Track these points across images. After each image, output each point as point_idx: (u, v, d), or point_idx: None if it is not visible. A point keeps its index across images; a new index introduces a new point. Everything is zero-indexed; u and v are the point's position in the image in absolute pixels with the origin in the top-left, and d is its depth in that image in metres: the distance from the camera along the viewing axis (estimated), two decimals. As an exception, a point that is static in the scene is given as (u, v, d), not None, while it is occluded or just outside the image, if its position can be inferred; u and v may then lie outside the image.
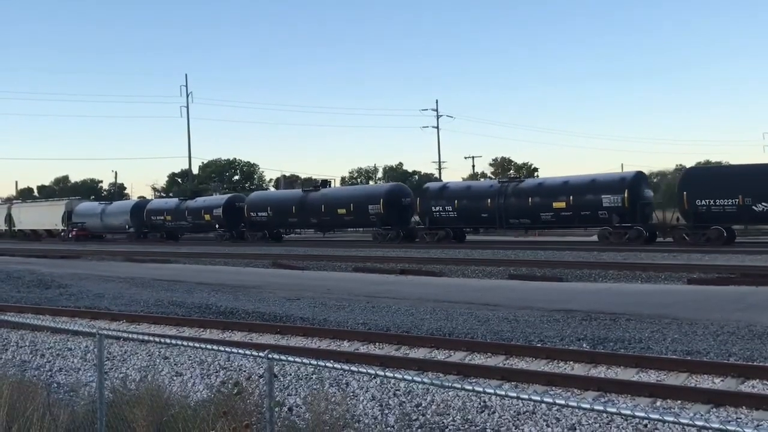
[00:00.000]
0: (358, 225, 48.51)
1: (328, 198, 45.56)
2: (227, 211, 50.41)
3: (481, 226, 40.76)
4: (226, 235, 50.31)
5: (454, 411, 7.38)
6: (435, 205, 39.60)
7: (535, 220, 36.72)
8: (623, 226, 33.22)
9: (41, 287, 21.12)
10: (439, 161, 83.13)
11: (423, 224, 40.78)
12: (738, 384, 8.27)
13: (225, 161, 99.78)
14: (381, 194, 43.16)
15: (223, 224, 50.87)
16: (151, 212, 56.20)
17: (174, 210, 54.54)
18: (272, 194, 54.79)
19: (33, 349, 11.43)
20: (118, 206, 61.59)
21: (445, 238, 38.96)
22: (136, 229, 56.98)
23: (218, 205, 51.51)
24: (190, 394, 8.02)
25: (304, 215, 46.09)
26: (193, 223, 52.99)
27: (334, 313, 14.53)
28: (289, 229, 50.95)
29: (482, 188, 39.75)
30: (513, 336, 11.41)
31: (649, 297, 15.77)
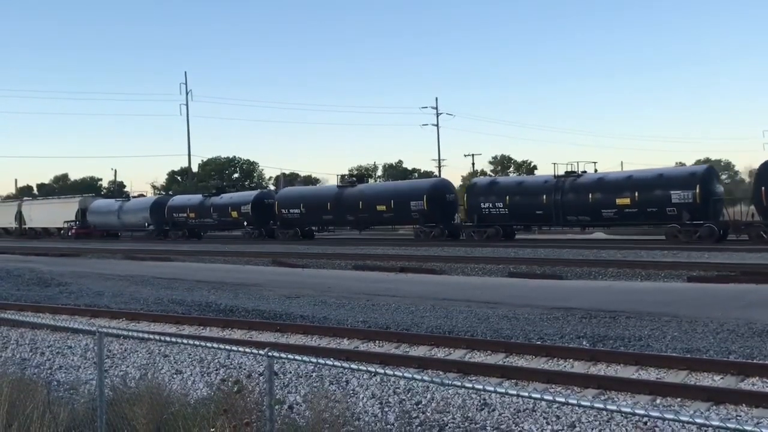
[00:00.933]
0: (398, 222, 46.77)
1: (366, 194, 43.67)
2: (256, 208, 48.47)
3: (534, 223, 39.04)
4: (255, 233, 48.42)
5: (454, 409, 7.38)
6: (484, 201, 37.92)
7: (596, 217, 35.07)
8: (694, 223, 31.50)
9: (41, 285, 21.13)
10: (438, 159, 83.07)
11: (470, 222, 39.05)
12: (738, 382, 8.28)
13: (225, 159, 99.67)
14: (425, 190, 41.22)
15: (251, 221, 48.74)
16: (173, 209, 54.06)
17: (198, 207, 52.43)
18: (305, 190, 52.17)
19: (33, 347, 11.44)
20: (137, 203, 59.20)
21: (495, 236, 37.30)
22: (156, 226, 54.91)
23: (247, 201, 49.46)
24: (190, 392, 8.02)
25: (339, 212, 44.16)
26: (219, 221, 51.07)
27: (334, 311, 14.53)
28: (322, 227, 48.65)
29: (536, 183, 37.58)
30: (513, 334, 11.41)
31: (649, 295, 15.78)
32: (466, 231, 39.29)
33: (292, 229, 46.49)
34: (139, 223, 56.25)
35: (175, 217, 53.74)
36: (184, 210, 53.32)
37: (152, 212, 54.97)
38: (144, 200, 60.23)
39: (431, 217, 40.00)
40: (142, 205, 57.17)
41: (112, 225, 59.04)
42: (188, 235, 53.49)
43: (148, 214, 55.24)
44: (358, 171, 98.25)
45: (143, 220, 55.68)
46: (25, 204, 70.08)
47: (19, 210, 68.04)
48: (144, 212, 55.85)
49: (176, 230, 53.89)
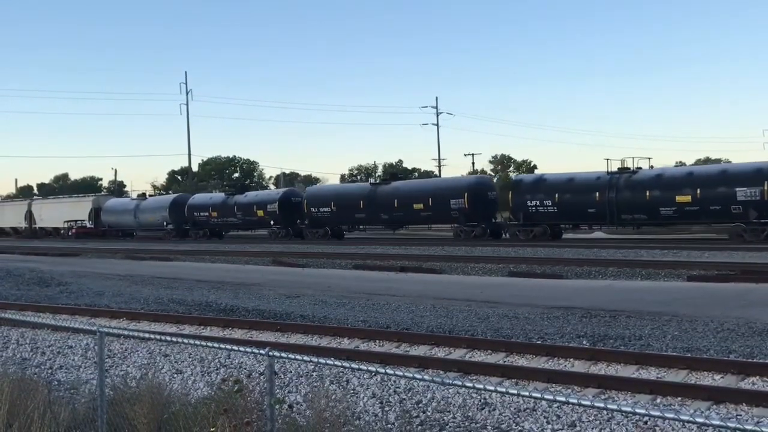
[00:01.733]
0: (436, 221, 44.50)
1: (402, 192, 41.94)
2: (283, 207, 46.68)
3: (586, 222, 37.79)
4: (282, 233, 46.65)
5: (455, 408, 7.39)
6: (531, 199, 36.17)
7: (653, 216, 33.25)
8: (761, 222, 29.93)
9: (41, 285, 21.13)
10: (438, 159, 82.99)
11: (515, 220, 37.38)
12: (738, 381, 8.28)
13: (225, 159, 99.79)
14: (465, 187, 39.50)
15: (278, 221, 46.98)
16: (193, 208, 52.14)
17: (221, 205, 50.56)
18: (336, 188, 50.58)
19: (33, 346, 11.44)
20: (155, 202, 57.33)
21: (542, 235, 35.66)
22: (175, 226, 52.91)
23: (273, 200, 47.77)
24: (191, 392, 8.03)
25: (373, 211, 42.47)
26: (244, 220, 49.23)
27: (335, 310, 14.54)
28: (353, 226, 47.10)
29: (588, 180, 35.49)
30: (513, 333, 11.41)
31: (649, 294, 15.78)
32: (510, 230, 37.83)
33: (321, 228, 44.84)
34: (158, 222, 54.46)
35: (196, 216, 51.98)
36: (205, 209, 51.57)
37: (171, 211, 53.22)
38: (162, 199, 58.62)
39: (472, 216, 38.44)
40: (161, 204, 55.45)
41: (127, 224, 57.52)
42: (209, 234, 51.66)
43: (166, 213, 53.54)
44: (359, 170, 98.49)
45: (162, 219, 53.90)
46: (35, 203, 68.49)
47: (28, 209, 66.49)
48: (162, 211, 54.10)
49: (197, 230, 52.08)
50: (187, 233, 52.35)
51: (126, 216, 56.83)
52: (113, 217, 58.00)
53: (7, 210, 70.68)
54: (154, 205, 55.84)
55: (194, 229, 52.16)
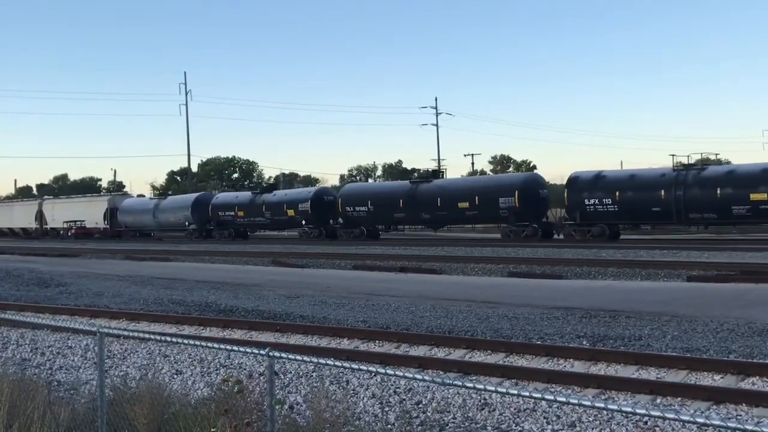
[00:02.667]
0: (483, 221, 42.72)
1: (445, 190, 40.18)
2: (315, 206, 44.98)
3: (650, 222, 36.14)
4: (314, 233, 44.76)
5: (455, 408, 7.39)
6: (589, 197, 34.42)
7: (724, 215, 31.70)
8: None
9: (41, 285, 21.12)
10: (438, 159, 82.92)
11: (571, 219, 35.54)
12: (738, 381, 8.28)
13: (224, 159, 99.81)
14: (516, 185, 37.85)
15: (310, 220, 45.06)
16: (218, 207, 50.32)
17: (248, 204, 48.64)
18: (373, 186, 49.12)
19: (33, 347, 11.44)
20: (176, 201, 54.98)
21: (600, 235, 34.07)
22: (198, 226, 50.98)
23: (305, 198, 45.95)
24: (191, 392, 8.02)
25: (413, 210, 40.77)
26: (272, 220, 47.54)
27: (334, 311, 14.53)
28: (391, 226, 45.57)
29: (652, 177, 33.78)
30: (513, 333, 11.41)
31: (648, 294, 15.78)
32: (565, 230, 36.03)
33: (356, 228, 43.23)
34: (179, 222, 52.55)
35: (221, 216, 50.06)
36: (231, 208, 49.68)
37: (194, 211, 51.26)
38: (184, 198, 56.44)
39: (523, 215, 36.69)
40: (183, 204, 53.30)
41: (146, 225, 55.78)
42: (234, 235, 49.72)
43: (189, 212, 51.57)
44: (358, 170, 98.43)
45: (183, 219, 51.91)
46: (46, 203, 66.53)
47: (39, 209, 64.75)
48: (184, 211, 52.05)
49: (222, 230, 50.13)
50: (210, 233, 50.72)
51: (145, 216, 55.19)
52: (130, 217, 56.35)
53: (16, 210, 69.05)
54: (175, 205, 53.83)
55: (219, 230, 50.40)
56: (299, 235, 46.76)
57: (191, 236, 51.22)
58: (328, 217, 45.05)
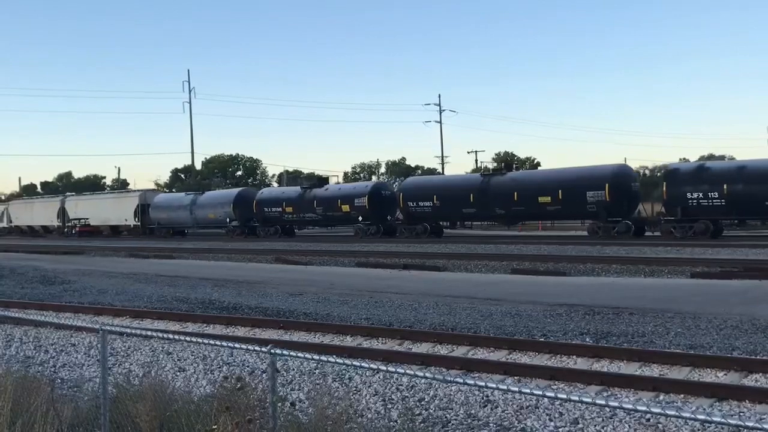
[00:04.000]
0: (567, 216, 39.56)
1: (523, 183, 37.58)
2: (373, 201, 42.67)
3: (763, 217, 33.59)
4: (371, 229, 42.50)
5: (457, 405, 7.38)
6: (691, 191, 31.96)
7: None
8: None
9: (45, 283, 21.17)
10: (442, 156, 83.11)
11: (670, 215, 33.13)
12: (741, 378, 8.27)
13: (228, 157, 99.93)
14: (607, 177, 34.70)
15: (367, 216, 42.67)
16: (263, 203, 47.93)
17: (297, 200, 46.33)
18: (440, 180, 44.68)
19: (37, 344, 11.45)
20: (216, 196, 53.03)
21: (703, 232, 31.67)
22: (241, 223, 48.79)
23: (362, 193, 43.62)
24: (193, 390, 8.03)
25: (485, 205, 38.15)
26: (324, 216, 45.21)
27: (337, 308, 14.54)
28: (457, 222, 43.21)
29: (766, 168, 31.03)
30: (516, 330, 11.41)
31: (652, 291, 15.76)
32: (663, 227, 33.44)
33: (419, 224, 40.58)
34: (220, 219, 50.32)
35: (267, 212, 47.66)
36: (278, 204, 47.26)
37: (236, 206, 48.99)
38: (224, 193, 54.68)
39: (614, 210, 33.98)
40: (223, 199, 51.26)
41: (182, 222, 53.40)
42: (281, 232, 47.27)
43: (230, 208, 49.35)
44: (362, 168, 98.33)
45: (224, 215, 49.72)
46: (69, 200, 64.97)
47: (62, 206, 63.32)
48: (225, 207, 49.92)
49: (267, 227, 47.72)
50: (254, 231, 48.48)
51: (180, 212, 52.97)
52: (164, 214, 54.20)
53: (37, 207, 67.68)
54: (215, 200, 51.72)
55: (264, 227, 47.93)
56: (355, 232, 44.49)
57: (232, 234, 49.22)
58: (385, 213, 43.17)
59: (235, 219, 49.05)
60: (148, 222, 55.38)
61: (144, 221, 55.57)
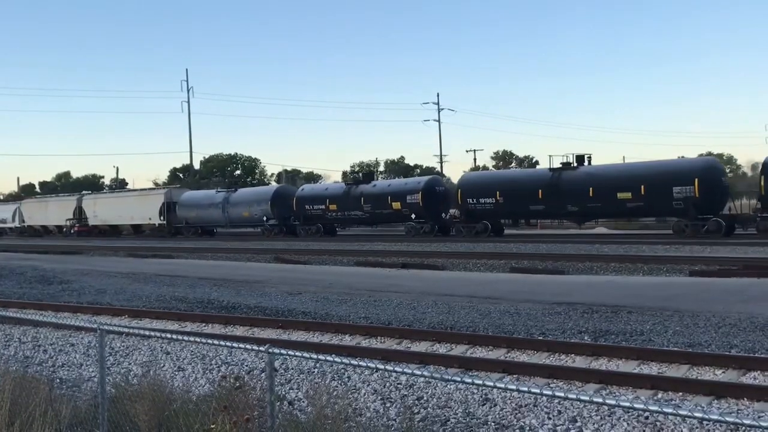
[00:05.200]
0: (650, 213, 37.19)
1: (599, 177, 34.95)
2: (427, 197, 39.97)
3: None
4: (425, 228, 39.94)
5: (456, 404, 7.39)
6: None
7: None
8: None
9: (43, 283, 21.17)
10: (440, 155, 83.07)
11: None
12: (739, 376, 8.28)
13: (226, 156, 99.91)
14: (696, 171, 32.08)
15: (420, 214, 40.06)
16: (304, 200, 45.17)
17: (342, 197, 43.69)
18: (503, 175, 41.62)
19: (35, 344, 11.45)
20: (252, 193, 50.59)
21: None
22: (280, 221, 46.11)
23: (414, 189, 40.76)
24: (192, 389, 8.03)
25: (555, 201, 35.58)
26: (372, 214, 42.44)
27: (336, 307, 14.54)
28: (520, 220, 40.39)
29: None
30: (514, 329, 11.41)
31: (650, 289, 15.77)
32: (762, 223, 30.48)
33: (479, 222, 37.89)
34: (255, 217, 47.73)
35: (308, 210, 44.88)
36: (321, 201, 44.57)
37: (274, 204, 46.55)
38: (260, 190, 52.34)
39: (704, 207, 31.42)
40: (260, 196, 48.72)
41: (213, 220, 50.75)
42: (324, 231, 44.62)
43: (268, 206, 46.90)
44: (360, 167, 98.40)
45: (261, 213, 47.15)
46: (86, 198, 62.13)
47: (78, 206, 60.92)
48: (262, 204, 47.41)
49: (308, 225, 44.90)
50: (293, 230, 45.73)
51: (212, 210, 50.23)
52: (193, 212, 51.61)
53: (51, 206, 64.78)
54: (251, 198, 49.11)
55: (305, 225, 45.10)
56: (406, 231, 41.72)
57: (269, 233, 46.62)
58: (439, 210, 40.49)
59: (272, 217, 46.75)
60: (174, 221, 52.82)
61: (170, 220, 52.94)
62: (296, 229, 45.49)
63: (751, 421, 2.81)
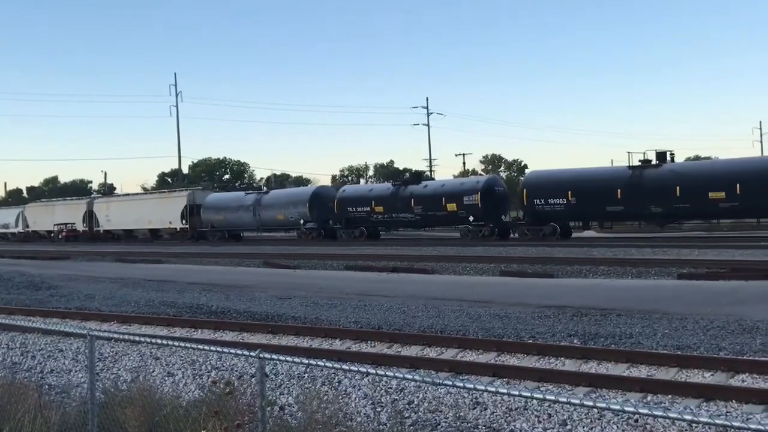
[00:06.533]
0: (745, 214, 34.85)
1: (687, 176, 32.27)
2: (486, 198, 37.45)
3: None
4: (484, 231, 37.25)
5: (447, 408, 7.40)
6: None
7: None
8: None
9: (31, 289, 21.03)
10: (430, 159, 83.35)
11: None
12: (728, 378, 8.33)
13: (215, 160, 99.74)
14: None
15: (479, 216, 37.41)
16: (347, 202, 42.58)
17: (389, 198, 40.97)
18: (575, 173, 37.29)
19: (24, 350, 11.39)
20: (286, 195, 47.66)
21: None
22: (319, 224, 43.78)
23: (472, 189, 38.10)
24: (182, 394, 8.01)
25: (636, 201, 32.98)
26: (423, 216, 39.84)
27: (326, 311, 14.53)
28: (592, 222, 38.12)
29: None
30: (504, 332, 11.44)
31: (639, 292, 15.84)
32: None
33: (546, 225, 35.36)
34: (291, 220, 45.17)
35: (350, 213, 42.42)
36: (365, 203, 41.86)
37: (312, 206, 44.11)
38: (296, 191, 49.68)
39: None
40: (296, 198, 46.11)
41: (242, 224, 48.29)
42: (366, 234, 42.19)
43: (305, 208, 44.29)
44: (350, 171, 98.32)
45: (297, 216, 44.55)
46: (98, 202, 59.63)
47: (88, 209, 58.30)
48: (299, 206, 44.74)
49: (351, 228, 42.42)
50: (334, 234, 43.34)
51: (241, 213, 47.62)
52: (220, 215, 48.88)
53: (59, 210, 62.32)
54: (286, 199, 46.43)
55: (347, 228, 42.53)
56: (462, 234, 39.24)
57: (307, 237, 44.10)
58: (499, 211, 38.24)
59: (310, 220, 44.08)
60: (198, 224, 50.03)
61: (193, 223, 50.10)
62: (336, 233, 43.34)
63: (740, 423, 2.84)
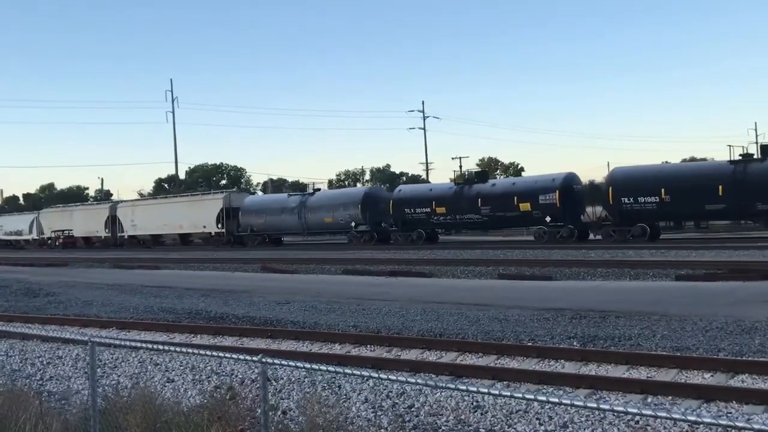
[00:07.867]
0: None
1: None
2: (565, 197, 34.78)
3: None
4: (563, 232, 34.77)
5: (447, 411, 7.40)
6: None
7: None
8: None
9: (29, 296, 21.00)
10: (426, 162, 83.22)
11: None
12: (727, 379, 8.34)
13: (212, 166, 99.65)
14: None
15: (557, 216, 34.71)
16: (403, 203, 39.90)
17: (452, 198, 38.36)
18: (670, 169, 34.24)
19: (23, 357, 11.36)
20: (334, 196, 45.14)
21: None
22: (371, 227, 41.25)
23: (549, 188, 35.28)
24: (183, 400, 8.00)
25: (741, 199, 30.49)
26: (493, 216, 37.14)
27: (325, 316, 14.53)
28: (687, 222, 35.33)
29: None
30: (504, 335, 11.45)
31: (638, 294, 15.86)
32: None
33: (634, 225, 32.64)
34: (341, 223, 42.82)
35: (408, 214, 39.72)
36: (425, 203, 39.18)
37: (364, 208, 41.49)
38: (346, 192, 47.45)
39: None
40: (346, 199, 43.54)
41: (286, 227, 45.59)
42: (426, 237, 39.91)
43: (357, 210, 41.73)
44: (346, 175, 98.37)
45: (348, 219, 42.17)
46: (122, 207, 57.29)
47: (112, 214, 56.14)
48: (350, 208, 42.26)
49: (407, 231, 39.89)
50: (388, 237, 40.98)
51: (285, 216, 45.09)
52: (261, 219, 46.22)
53: (77, 216, 60.41)
54: (334, 201, 43.90)
55: (402, 231, 40.04)
56: (536, 236, 36.50)
57: (358, 241, 41.70)
58: (577, 211, 35.49)
59: (363, 223, 41.61)
60: (235, 228, 47.62)
61: (229, 227, 47.58)
62: (390, 235, 41.01)
63: (744, 423, 2.85)
